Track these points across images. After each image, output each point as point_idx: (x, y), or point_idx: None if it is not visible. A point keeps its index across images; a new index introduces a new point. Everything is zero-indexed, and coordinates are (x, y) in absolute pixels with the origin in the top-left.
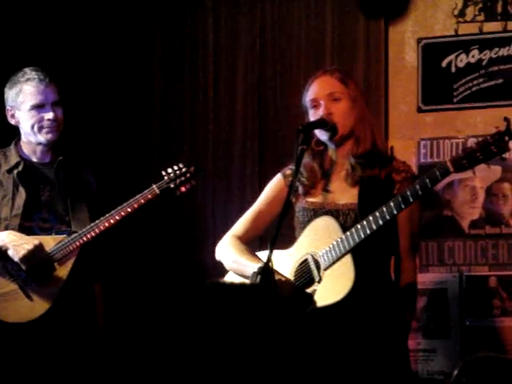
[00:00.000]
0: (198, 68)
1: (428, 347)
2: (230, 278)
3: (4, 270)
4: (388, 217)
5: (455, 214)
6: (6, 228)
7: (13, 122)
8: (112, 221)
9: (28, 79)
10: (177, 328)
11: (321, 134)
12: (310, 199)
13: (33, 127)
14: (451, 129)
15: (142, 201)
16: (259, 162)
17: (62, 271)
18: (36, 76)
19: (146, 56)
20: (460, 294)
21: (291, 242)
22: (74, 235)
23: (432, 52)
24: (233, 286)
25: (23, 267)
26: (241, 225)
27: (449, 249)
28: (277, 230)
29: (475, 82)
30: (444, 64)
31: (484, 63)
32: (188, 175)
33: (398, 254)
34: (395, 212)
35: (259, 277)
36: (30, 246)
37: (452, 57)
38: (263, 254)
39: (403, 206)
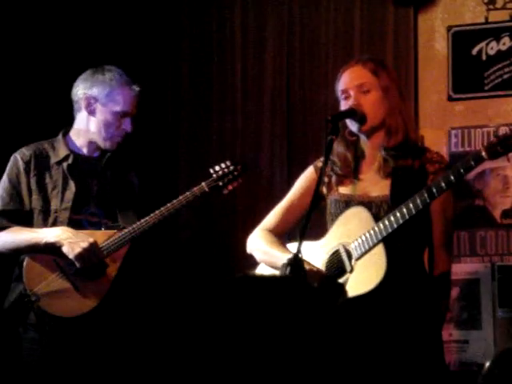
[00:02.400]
0: (226, 60)
1: (460, 338)
2: (262, 270)
3: (55, 265)
4: (421, 206)
5: (487, 204)
6: (55, 221)
7: (86, 110)
8: (161, 217)
9: (127, 83)
10: (208, 321)
11: (351, 125)
12: (342, 191)
13: (108, 128)
14: (482, 117)
15: (191, 198)
16: (287, 154)
17: (112, 267)
18: (135, 86)
19: (173, 47)
20: (492, 284)
21: (321, 233)
22: (124, 231)
23: (462, 40)
24: (262, 279)
25: (77, 265)
26: (272, 218)
27: (481, 239)
28: (306, 221)
29: (506, 70)
30: (474, 52)
31: None
32: (236, 173)
33: (432, 244)
34: (428, 201)
35: (289, 268)
36: (85, 245)
37: (482, 44)
38: (293, 246)
39: (437, 195)
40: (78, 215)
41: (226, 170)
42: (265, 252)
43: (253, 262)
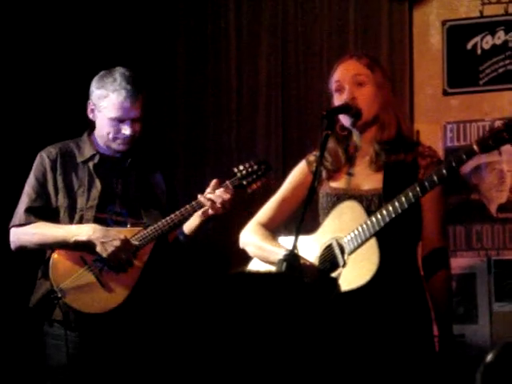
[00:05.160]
0: (221, 57)
1: (457, 332)
2: (255, 265)
3: (81, 261)
4: (413, 199)
5: (483, 198)
6: (81, 219)
7: (91, 116)
8: (187, 214)
9: (116, 90)
10: (203, 318)
11: (345, 120)
12: (334, 184)
13: (107, 133)
14: (478, 112)
15: None
16: (282, 151)
17: (138, 263)
18: (124, 90)
19: (168, 46)
20: (488, 278)
21: (314, 227)
22: (150, 228)
23: (457, 34)
24: (258, 276)
25: (112, 263)
26: (265, 212)
27: (477, 233)
28: (302, 217)
29: (501, 64)
30: (469, 46)
31: (510, 44)
32: (259, 173)
33: (423, 238)
34: (421, 194)
35: (285, 264)
36: (117, 243)
37: (477, 39)
38: (285, 240)
39: (429, 189)
40: (103, 213)
41: (249, 169)
42: (259, 247)
43: (245, 257)
